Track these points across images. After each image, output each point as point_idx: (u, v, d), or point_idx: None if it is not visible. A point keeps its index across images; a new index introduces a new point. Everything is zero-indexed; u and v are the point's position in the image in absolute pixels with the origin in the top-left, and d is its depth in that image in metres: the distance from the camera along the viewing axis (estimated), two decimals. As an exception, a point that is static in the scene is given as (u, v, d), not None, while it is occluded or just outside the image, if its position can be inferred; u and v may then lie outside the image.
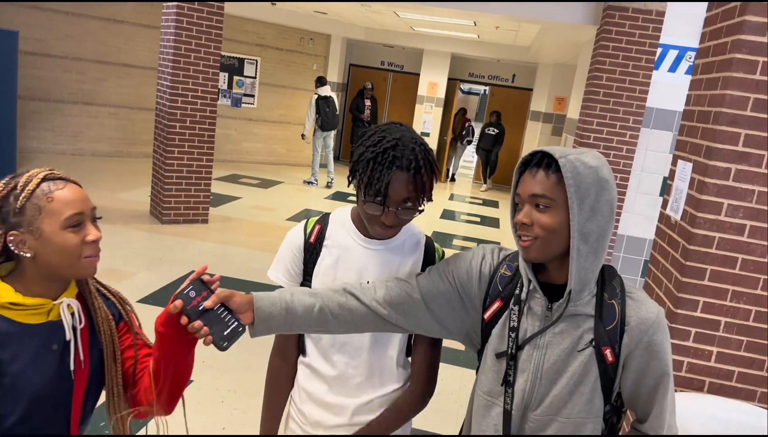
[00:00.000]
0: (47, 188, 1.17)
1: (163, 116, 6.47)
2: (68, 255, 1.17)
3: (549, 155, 1.24)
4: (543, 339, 1.28)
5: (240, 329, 1.21)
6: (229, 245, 6.20)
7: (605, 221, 1.24)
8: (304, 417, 1.58)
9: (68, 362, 1.24)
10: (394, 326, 1.39)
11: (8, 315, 1.17)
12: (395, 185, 1.36)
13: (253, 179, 9.91)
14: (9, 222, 1.16)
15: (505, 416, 1.31)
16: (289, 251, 1.54)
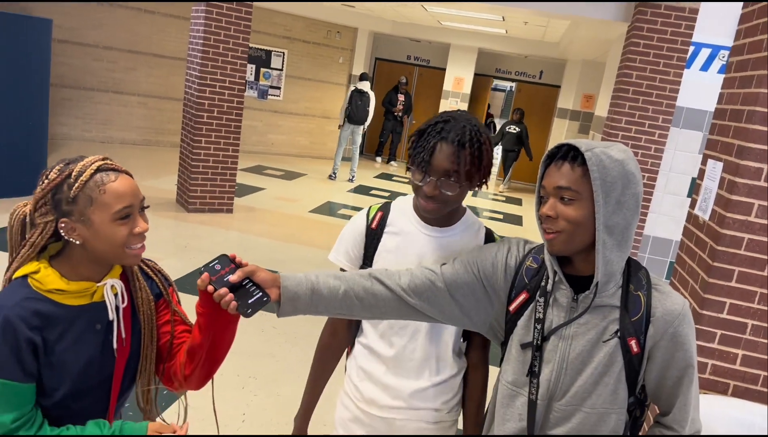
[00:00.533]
0: (100, 180, 1.19)
1: (191, 106, 6.54)
2: (115, 246, 1.21)
3: (574, 148, 1.25)
4: (568, 329, 1.29)
5: (264, 298, 1.24)
6: (252, 234, 6.26)
7: (631, 215, 1.24)
8: (360, 394, 1.62)
9: (111, 340, 1.29)
10: (418, 313, 1.40)
11: (54, 298, 1.21)
12: (438, 154, 1.41)
13: (277, 170, 9.98)
14: (61, 209, 1.19)
15: (530, 406, 1.32)
16: (351, 235, 1.60)
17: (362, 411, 1.62)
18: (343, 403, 1.69)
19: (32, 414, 1.19)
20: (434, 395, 1.59)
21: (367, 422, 1.62)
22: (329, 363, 1.70)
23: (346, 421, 1.67)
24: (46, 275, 1.21)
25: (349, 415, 1.66)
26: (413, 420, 1.59)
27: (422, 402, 1.58)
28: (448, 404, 1.62)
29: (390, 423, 1.60)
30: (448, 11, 9.02)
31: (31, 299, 1.19)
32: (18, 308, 1.17)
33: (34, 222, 1.23)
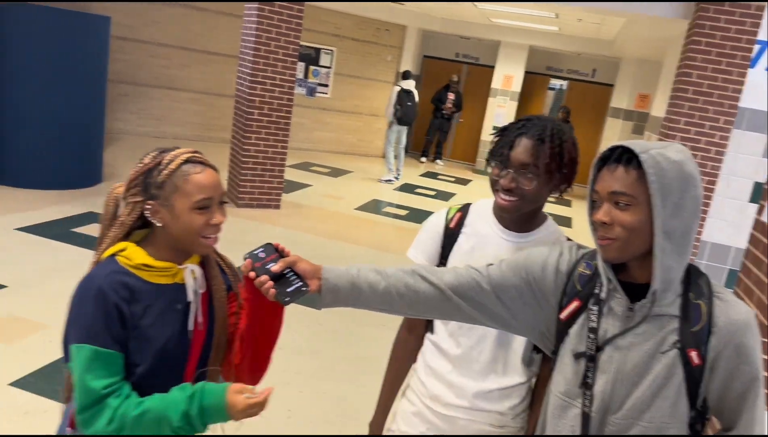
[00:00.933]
0: (186, 170, 1.29)
1: (242, 103, 6.64)
2: (191, 233, 1.29)
3: (629, 150, 1.19)
4: (624, 340, 1.23)
5: (303, 288, 1.25)
6: (299, 231, 6.31)
7: (690, 218, 1.18)
8: (425, 389, 1.62)
9: (188, 322, 1.36)
10: (461, 313, 1.37)
11: (140, 275, 1.30)
12: (517, 148, 1.43)
13: (323, 167, 10.05)
14: (150, 193, 1.29)
15: (584, 418, 1.27)
16: (429, 233, 1.62)
17: (426, 407, 1.62)
18: (408, 397, 1.69)
19: (122, 384, 1.25)
20: (499, 398, 1.56)
21: (429, 418, 1.61)
22: (407, 359, 1.71)
23: (409, 414, 1.66)
24: (134, 251, 1.30)
25: (413, 409, 1.65)
26: (477, 421, 1.57)
27: (486, 403, 1.56)
28: (514, 410, 1.58)
29: (453, 421, 1.58)
30: (499, 8, 8.89)
31: (119, 272, 1.28)
32: (109, 279, 1.26)
33: (125, 202, 1.33)
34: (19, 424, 2.71)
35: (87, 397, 1.21)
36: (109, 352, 1.23)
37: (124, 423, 1.20)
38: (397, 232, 7.02)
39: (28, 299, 3.88)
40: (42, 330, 3.53)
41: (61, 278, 4.24)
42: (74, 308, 1.26)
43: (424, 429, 1.62)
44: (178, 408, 1.21)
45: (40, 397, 2.92)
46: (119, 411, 1.21)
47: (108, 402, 1.21)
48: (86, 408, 1.21)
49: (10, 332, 3.46)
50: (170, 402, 1.23)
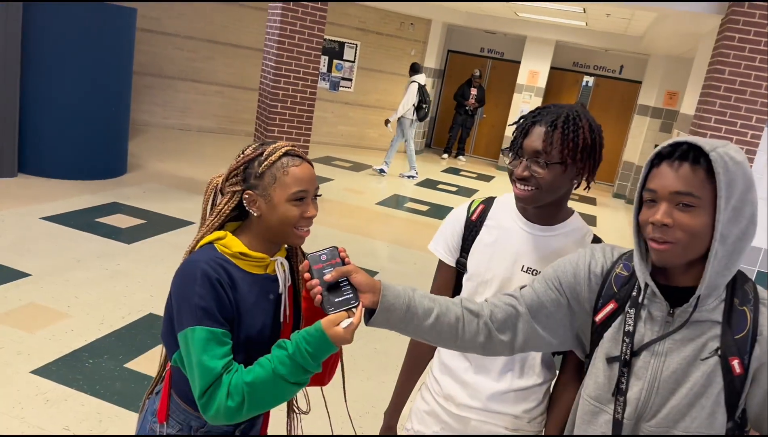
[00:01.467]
0: (286, 163, 1.33)
1: (266, 96, 6.64)
2: (286, 224, 1.33)
3: (695, 147, 1.11)
4: (662, 345, 1.18)
5: (353, 302, 1.23)
6: (320, 225, 6.30)
7: (747, 223, 1.11)
8: (439, 387, 1.60)
9: (279, 313, 1.40)
10: (503, 348, 1.33)
11: (237, 263, 1.33)
12: (530, 136, 1.40)
13: (345, 161, 10.04)
14: (249, 182, 1.34)
15: (615, 425, 1.21)
16: (451, 226, 1.60)
17: (440, 406, 1.59)
18: (422, 395, 1.67)
19: (233, 362, 1.26)
20: (515, 400, 1.52)
21: (442, 418, 1.58)
22: (423, 356, 1.69)
23: (423, 413, 1.64)
24: (232, 239, 1.34)
25: (427, 408, 1.63)
26: (489, 423, 1.53)
27: (501, 405, 1.52)
28: (530, 413, 1.53)
29: (465, 422, 1.55)
30: (526, 3, 8.77)
31: (220, 258, 1.31)
32: (212, 264, 1.28)
33: (223, 191, 1.38)
34: (40, 412, 2.74)
35: (207, 377, 1.21)
36: (223, 331, 1.26)
37: (243, 393, 1.21)
38: (418, 227, 6.98)
39: (52, 288, 3.93)
40: (64, 319, 3.57)
41: (85, 269, 4.29)
42: (181, 293, 1.28)
43: (438, 428, 1.59)
44: (288, 363, 1.22)
45: (61, 385, 2.95)
46: (233, 383, 1.22)
47: (222, 379, 1.22)
48: (205, 390, 1.22)
49: (32, 320, 3.50)
50: (276, 360, 1.23)
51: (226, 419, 1.22)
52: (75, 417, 2.75)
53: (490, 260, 1.50)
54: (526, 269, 1.48)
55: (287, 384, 1.23)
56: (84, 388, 2.95)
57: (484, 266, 1.51)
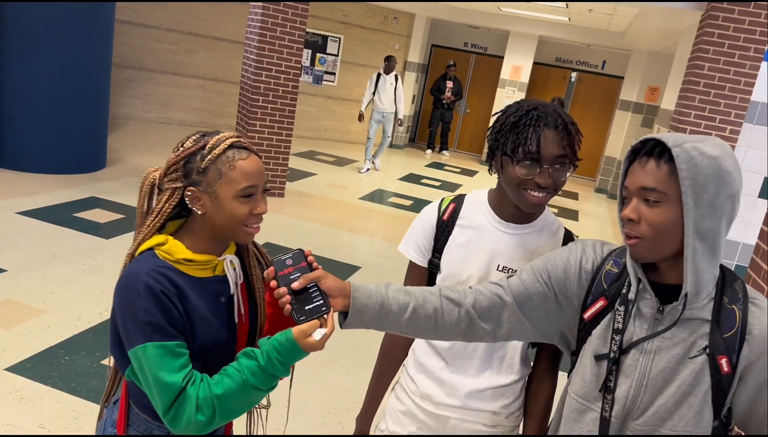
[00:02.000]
0: (232, 156, 1.23)
1: (247, 90, 6.58)
2: (234, 222, 1.24)
3: (662, 143, 1.11)
4: (651, 343, 1.17)
5: (323, 309, 1.18)
6: (302, 219, 6.27)
7: (725, 218, 1.10)
8: (415, 387, 1.57)
9: (233, 314, 1.32)
10: (486, 336, 1.32)
11: (181, 269, 1.24)
12: (547, 141, 1.34)
13: (329, 156, 10.00)
14: (191, 178, 1.23)
15: (602, 423, 1.21)
16: (422, 227, 1.56)
17: (416, 405, 1.56)
18: (397, 395, 1.64)
19: (194, 372, 1.20)
20: (492, 397, 1.51)
21: (419, 417, 1.56)
22: (395, 358, 1.66)
23: (398, 413, 1.61)
24: (174, 244, 1.25)
25: (402, 407, 1.60)
26: (468, 420, 1.52)
27: (479, 403, 1.51)
28: (508, 408, 1.53)
29: (443, 421, 1.53)
30: (510, 2, 8.78)
31: (162, 267, 1.22)
32: (155, 275, 1.19)
33: (161, 188, 1.27)
34: (14, 409, 2.69)
35: (168, 394, 1.15)
36: (176, 343, 1.18)
37: (214, 405, 1.16)
38: (401, 222, 6.97)
39: (28, 283, 3.86)
40: (40, 315, 3.51)
41: (62, 264, 4.22)
42: (125, 310, 1.19)
43: (415, 428, 1.57)
44: (258, 373, 1.18)
45: (36, 383, 2.90)
46: (201, 396, 1.16)
47: (188, 393, 1.16)
48: (170, 406, 1.16)
49: (8, 316, 3.44)
50: (245, 369, 1.18)
51: (196, 432, 1.17)
52: (50, 415, 2.70)
53: (465, 260, 1.48)
54: (502, 268, 1.46)
55: (258, 392, 1.19)
56: (60, 385, 2.91)
57: (459, 266, 1.48)
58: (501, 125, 1.40)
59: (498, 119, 1.42)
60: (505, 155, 1.38)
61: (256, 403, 1.22)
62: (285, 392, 1.51)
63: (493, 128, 1.43)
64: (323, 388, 3.26)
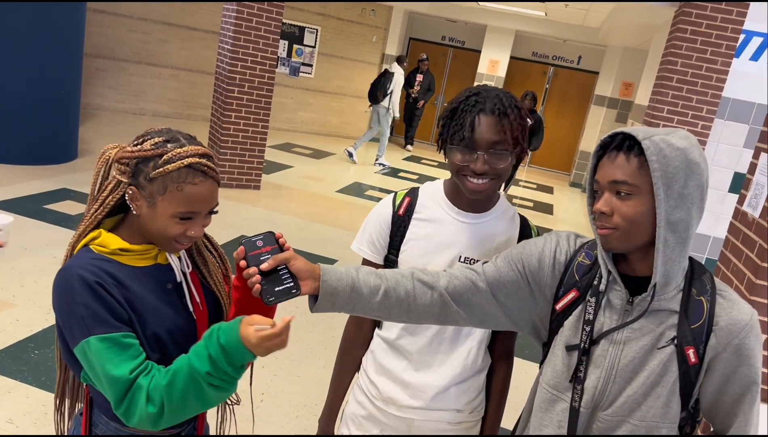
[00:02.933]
0: (184, 177, 1.17)
1: (222, 80, 6.50)
2: (163, 236, 1.21)
3: (630, 137, 1.13)
4: (621, 334, 1.19)
5: (294, 291, 1.15)
6: (279, 212, 6.23)
7: (695, 209, 1.12)
8: (376, 391, 1.53)
9: (186, 304, 1.28)
10: (458, 319, 1.31)
11: (119, 260, 1.21)
12: (481, 126, 1.32)
13: (306, 149, 9.94)
14: (137, 180, 1.19)
15: (572, 413, 1.22)
16: (376, 223, 1.50)
17: (378, 409, 1.53)
18: (357, 399, 1.59)
19: (147, 363, 1.15)
20: (456, 395, 1.50)
21: (383, 421, 1.53)
22: (354, 358, 1.62)
23: (360, 418, 1.58)
24: (107, 237, 1.21)
25: (364, 412, 1.56)
26: (433, 420, 1.51)
27: (443, 402, 1.49)
28: (471, 404, 1.53)
29: (408, 423, 1.51)
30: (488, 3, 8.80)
31: (97, 259, 1.19)
32: (89, 267, 1.16)
33: (110, 172, 1.24)
34: (-18, 405, 2.63)
35: (117, 387, 1.11)
36: (121, 334, 1.13)
37: (162, 396, 1.11)
38: (379, 215, 6.95)
39: (-4, 276, 3.77)
40: (9, 309, 3.43)
41: (32, 256, 4.13)
42: (63, 308, 1.15)
43: (378, 431, 1.54)
44: (202, 355, 1.12)
45: (5, 377, 2.83)
46: (151, 386, 1.12)
47: (139, 383, 1.12)
48: (121, 400, 1.12)
49: (-25, 310, 3.36)
50: (192, 353, 1.13)
51: (150, 426, 1.13)
52: (19, 410, 2.65)
53: (425, 254, 1.44)
54: (464, 260, 1.44)
55: (207, 386, 1.12)
56: (29, 380, 2.85)
57: (420, 261, 1.44)
58: (446, 113, 1.39)
59: (447, 106, 1.42)
60: (445, 142, 1.37)
61: (211, 402, 1.16)
62: (258, 387, 1.49)
63: (442, 115, 1.42)
64: (299, 381, 3.24)
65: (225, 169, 6.60)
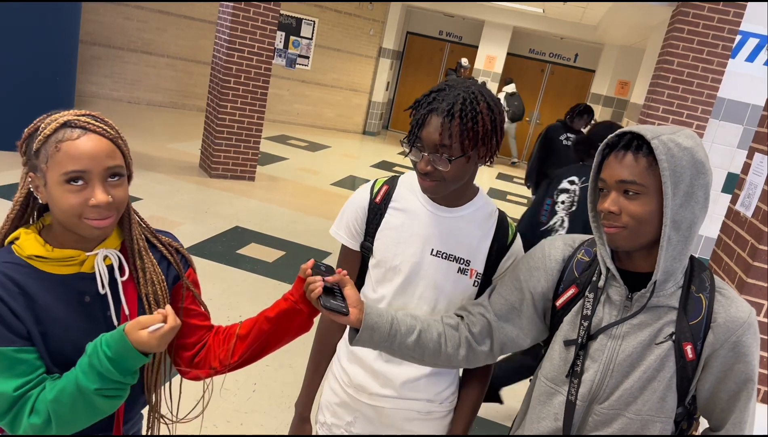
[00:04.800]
0: (61, 136, 1.06)
1: (218, 70, 6.47)
2: (67, 213, 1.07)
3: (638, 136, 1.13)
4: (619, 329, 1.20)
5: (343, 309, 1.22)
6: (273, 204, 6.22)
7: (699, 208, 1.13)
8: (348, 378, 1.54)
9: (110, 318, 1.17)
10: (485, 357, 1.35)
11: (36, 265, 1.11)
12: (427, 127, 1.30)
13: (301, 141, 9.91)
14: (31, 163, 1.10)
15: (568, 406, 1.23)
16: (353, 209, 1.50)
17: (350, 397, 1.54)
18: (331, 386, 1.60)
19: (40, 379, 1.07)
20: (426, 385, 1.49)
21: (354, 407, 1.54)
22: (330, 344, 1.63)
23: (334, 406, 1.59)
24: (25, 240, 1.11)
25: (337, 400, 1.57)
26: (402, 409, 1.51)
27: (413, 392, 1.49)
28: (441, 395, 1.52)
29: (378, 411, 1.52)
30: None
31: (8, 264, 1.09)
32: None
33: None
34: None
35: (1, 402, 1.04)
36: (13, 349, 1.04)
37: (48, 410, 1.04)
38: (373, 209, 6.96)
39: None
40: None
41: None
42: None
43: (351, 418, 1.55)
44: (89, 373, 1.04)
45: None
46: (39, 399, 1.05)
47: (29, 396, 1.05)
48: (4, 414, 1.05)
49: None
50: (79, 369, 1.06)
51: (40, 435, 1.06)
52: None
53: (398, 244, 1.43)
54: (436, 253, 1.43)
55: (100, 399, 1.05)
56: None
57: (392, 251, 1.44)
58: (413, 105, 1.38)
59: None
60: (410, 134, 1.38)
61: (105, 411, 1.08)
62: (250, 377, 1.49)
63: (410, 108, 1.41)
64: (291, 371, 3.25)
65: (220, 159, 6.58)
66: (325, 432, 1.61)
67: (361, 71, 11.68)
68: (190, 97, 10.14)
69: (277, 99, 10.76)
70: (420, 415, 1.52)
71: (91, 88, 9.21)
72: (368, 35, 11.51)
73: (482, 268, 1.44)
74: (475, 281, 1.44)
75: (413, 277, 1.43)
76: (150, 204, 5.28)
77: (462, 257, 1.43)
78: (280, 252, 4.93)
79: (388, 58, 11.86)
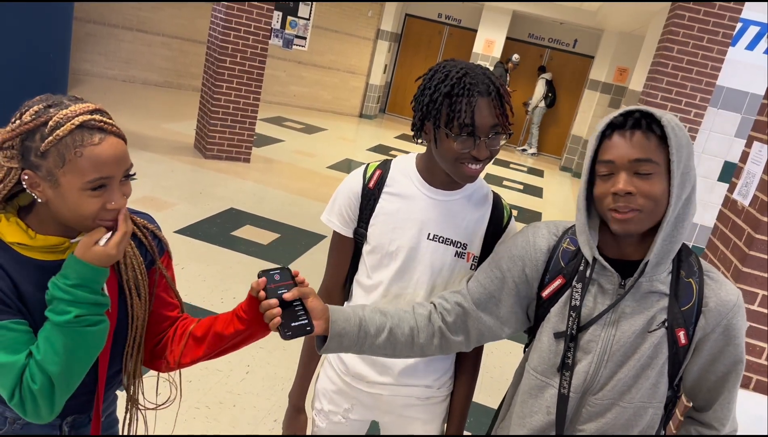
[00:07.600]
0: (80, 139, 1.00)
1: (214, 50, 6.40)
2: (80, 217, 1.05)
3: (647, 115, 1.10)
4: (612, 317, 1.18)
5: (308, 328, 1.16)
6: (268, 186, 6.19)
7: (690, 189, 1.13)
8: (345, 367, 1.53)
9: None
10: (459, 346, 1.33)
11: (19, 251, 1.08)
12: (482, 112, 1.26)
13: (297, 123, 9.85)
14: (29, 160, 1.03)
15: (560, 399, 1.22)
16: (345, 195, 1.46)
17: (346, 384, 1.53)
18: (327, 375, 1.59)
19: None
20: (424, 372, 1.49)
21: (352, 395, 1.53)
22: None
23: (330, 393, 1.57)
24: (8, 225, 1.07)
25: (334, 388, 1.56)
26: (401, 395, 1.51)
27: (412, 379, 1.49)
28: (440, 380, 1.52)
29: (377, 398, 1.51)
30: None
31: None
32: None
33: None
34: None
35: (9, 376, 1.02)
36: (10, 321, 1.03)
37: (43, 367, 1.02)
38: (369, 192, 6.93)
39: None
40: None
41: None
42: None
43: (349, 405, 1.55)
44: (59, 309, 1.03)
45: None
46: (30, 366, 1.03)
47: (27, 364, 1.03)
48: (14, 389, 1.02)
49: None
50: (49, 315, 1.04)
51: (47, 405, 1.04)
52: None
53: (394, 230, 1.41)
54: (433, 237, 1.41)
55: (80, 327, 1.03)
56: None
57: (388, 237, 1.41)
58: (432, 94, 1.30)
59: (427, 85, 1.32)
60: (439, 128, 1.30)
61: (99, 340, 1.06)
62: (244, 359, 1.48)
63: (422, 96, 1.33)
64: (285, 354, 3.25)
65: (215, 140, 6.53)
66: (323, 419, 1.60)
67: (358, 53, 11.58)
68: (186, 76, 10.04)
69: (273, 80, 10.67)
70: (419, 401, 1.52)
71: (85, 66, 9.11)
72: (366, 17, 11.40)
73: (479, 251, 1.43)
74: (473, 265, 1.43)
75: (410, 262, 1.41)
76: (144, 184, 5.24)
77: (459, 240, 1.41)
78: (275, 235, 4.91)
79: (386, 40, 11.76)
